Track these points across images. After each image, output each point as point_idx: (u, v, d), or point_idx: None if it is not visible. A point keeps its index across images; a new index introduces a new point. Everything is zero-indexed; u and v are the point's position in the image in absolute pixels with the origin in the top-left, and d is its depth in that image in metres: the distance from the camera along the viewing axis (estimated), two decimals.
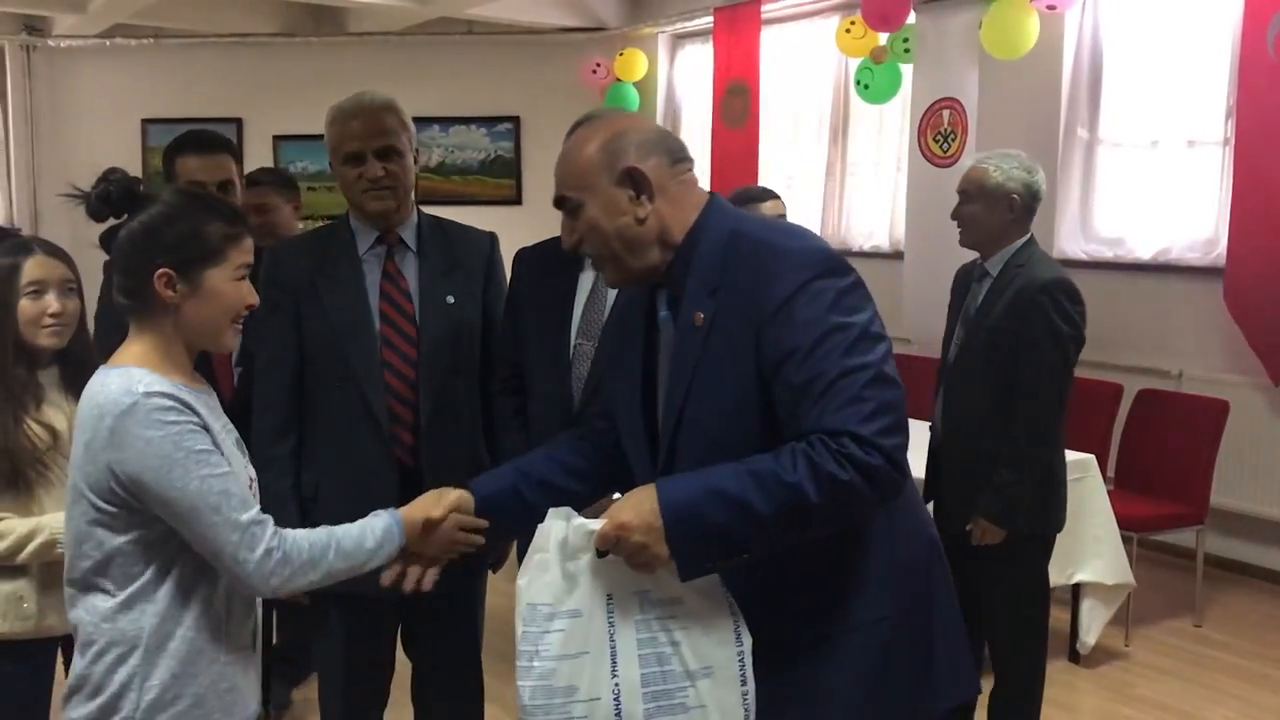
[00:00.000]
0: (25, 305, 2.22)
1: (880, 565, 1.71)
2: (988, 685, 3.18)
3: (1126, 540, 4.08)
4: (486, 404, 2.60)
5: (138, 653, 1.69)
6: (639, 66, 7.63)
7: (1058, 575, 3.23)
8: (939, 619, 1.77)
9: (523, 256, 2.55)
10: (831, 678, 1.70)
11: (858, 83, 6.10)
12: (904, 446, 1.59)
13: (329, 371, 2.45)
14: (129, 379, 1.67)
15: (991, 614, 3.08)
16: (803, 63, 6.91)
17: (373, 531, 1.78)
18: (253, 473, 1.88)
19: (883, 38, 5.97)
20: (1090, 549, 3.89)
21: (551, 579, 1.63)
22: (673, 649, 1.64)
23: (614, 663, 1.63)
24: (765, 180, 6.76)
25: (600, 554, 1.61)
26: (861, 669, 1.70)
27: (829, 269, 1.64)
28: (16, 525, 2.20)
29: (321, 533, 1.76)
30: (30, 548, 2.19)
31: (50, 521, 2.18)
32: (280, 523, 1.70)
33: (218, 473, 1.66)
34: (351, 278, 2.47)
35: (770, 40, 6.81)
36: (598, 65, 7.67)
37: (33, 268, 2.23)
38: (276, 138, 8.03)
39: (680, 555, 1.57)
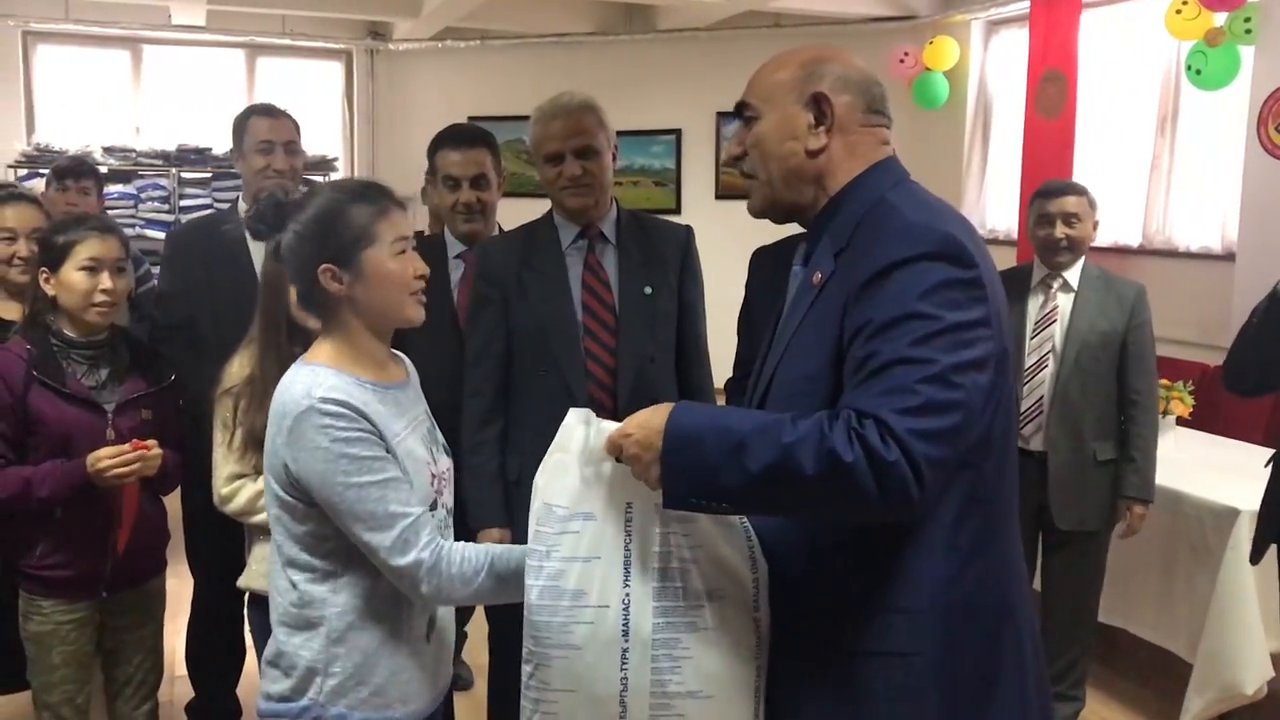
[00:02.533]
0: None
1: (920, 596, 1.51)
2: None
3: None
4: (682, 389, 2.66)
5: (319, 640, 1.77)
6: (950, 55, 7.33)
7: None
8: (1006, 682, 1.56)
9: (757, 255, 2.55)
10: (846, 701, 1.54)
11: (1189, 68, 5.58)
12: (939, 461, 1.38)
13: (535, 359, 2.57)
14: (312, 380, 1.74)
15: None
16: (1127, 48, 6.40)
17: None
18: (443, 466, 1.92)
19: (1219, 18, 5.43)
20: None
21: (570, 481, 1.58)
22: (687, 566, 1.56)
23: (627, 572, 1.55)
24: (1081, 174, 6.34)
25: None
26: (876, 702, 1.52)
27: (943, 253, 1.46)
28: None
29: (480, 550, 1.76)
30: None
31: None
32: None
33: (378, 479, 1.70)
34: (556, 271, 2.59)
35: (1091, 24, 6.36)
36: (905, 54, 7.44)
37: None
38: None
39: (668, 480, 1.47)
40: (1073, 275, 3.44)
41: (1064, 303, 3.43)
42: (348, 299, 1.79)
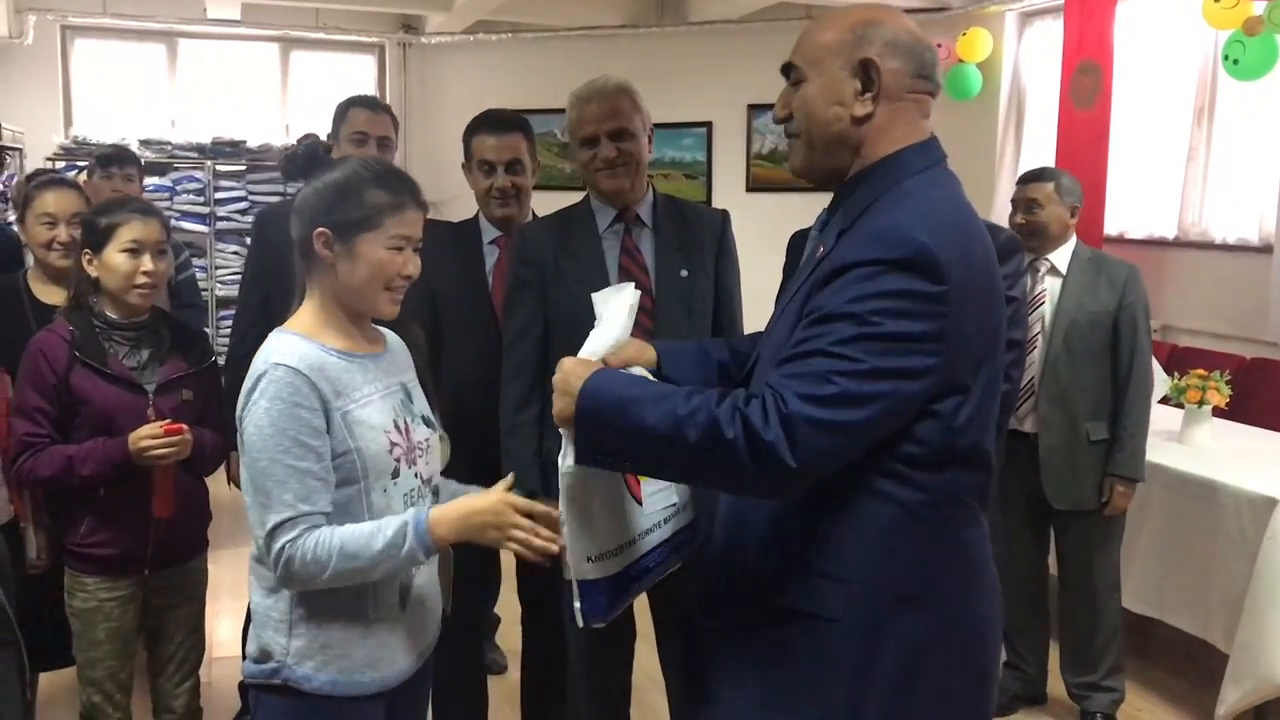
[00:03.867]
0: None
1: (850, 569, 1.52)
2: None
3: None
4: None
5: (285, 602, 1.82)
6: (983, 46, 7.28)
7: None
8: (924, 690, 1.54)
9: (794, 238, 2.56)
10: (771, 659, 1.56)
11: (1226, 58, 5.52)
12: (829, 451, 1.40)
13: (572, 342, 2.54)
14: (277, 346, 1.81)
15: None
16: (1163, 38, 6.34)
17: (383, 533, 1.77)
18: (419, 436, 1.93)
19: (1258, 6, 5.37)
20: None
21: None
22: None
23: None
24: (1116, 166, 6.31)
25: None
26: (796, 661, 1.53)
27: (907, 263, 1.43)
28: None
29: (335, 538, 1.77)
30: None
31: None
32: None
33: (291, 464, 1.74)
34: (593, 254, 2.62)
35: (1127, 14, 6.30)
36: (938, 46, 7.38)
37: None
38: None
39: (578, 438, 1.56)
40: (1061, 259, 3.49)
41: (1052, 285, 3.49)
42: (331, 268, 1.84)
